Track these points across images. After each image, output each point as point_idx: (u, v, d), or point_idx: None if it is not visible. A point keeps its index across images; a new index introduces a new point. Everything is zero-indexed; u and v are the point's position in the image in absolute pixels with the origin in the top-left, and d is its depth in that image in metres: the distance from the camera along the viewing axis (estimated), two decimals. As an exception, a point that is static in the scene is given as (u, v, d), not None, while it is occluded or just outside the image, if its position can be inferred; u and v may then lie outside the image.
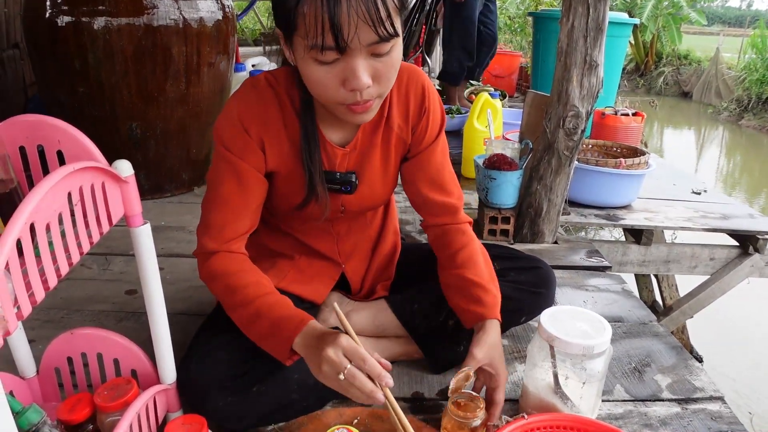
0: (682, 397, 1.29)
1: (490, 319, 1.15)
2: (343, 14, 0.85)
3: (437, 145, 1.24)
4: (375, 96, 0.97)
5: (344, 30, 0.86)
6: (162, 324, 0.99)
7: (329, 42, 0.87)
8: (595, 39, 1.80)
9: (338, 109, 0.99)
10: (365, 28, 0.87)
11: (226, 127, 1.10)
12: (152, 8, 2.15)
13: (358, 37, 0.87)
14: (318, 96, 0.99)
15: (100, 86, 2.18)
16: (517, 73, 5.89)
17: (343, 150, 1.16)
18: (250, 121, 1.09)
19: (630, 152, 2.57)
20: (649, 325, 1.60)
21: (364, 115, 1.01)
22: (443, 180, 1.26)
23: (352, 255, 1.36)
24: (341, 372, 0.91)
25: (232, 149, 1.10)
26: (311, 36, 0.87)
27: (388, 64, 0.95)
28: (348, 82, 0.92)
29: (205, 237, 1.12)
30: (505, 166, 2.02)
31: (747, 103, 11.60)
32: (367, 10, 0.86)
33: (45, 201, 0.67)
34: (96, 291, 1.71)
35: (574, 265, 1.95)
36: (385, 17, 0.87)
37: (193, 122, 2.42)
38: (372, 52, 0.91)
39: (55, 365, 1.06)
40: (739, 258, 2.41)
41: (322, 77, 0.93)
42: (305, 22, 0.86)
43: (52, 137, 0.83)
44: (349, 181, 1.18)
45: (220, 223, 1.11)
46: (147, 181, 2.45)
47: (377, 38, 0.88)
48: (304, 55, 0.91)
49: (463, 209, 1.30)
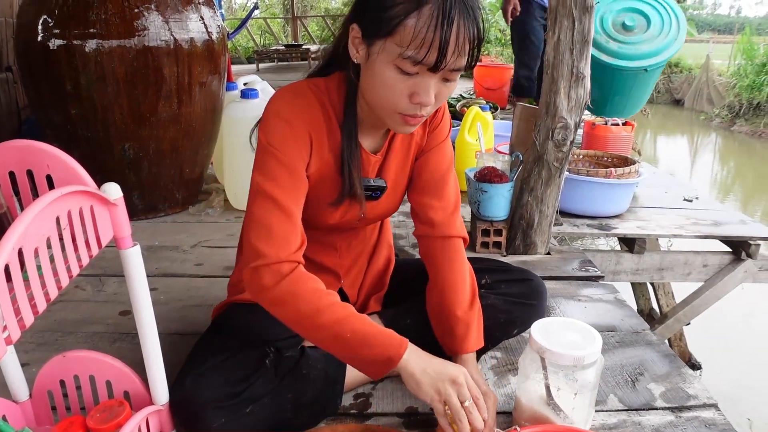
0: (676, 405, 1.30)
1: (463, 354, 1.21)
2: (452, 39, 0.91)
3: (442, 149, 1.26)
4: (428, 114, 1.03)
5: (449, 52, 0.92)
6: (154, 345, 1.00)
7: (430, 60, 0.92)
8: (581, 51, 1.82)
9: (392, 117, 1.03)
10: (461, 56, 0.94)
11: (275, 131, 1.07)
12: (143, 30, 2.17)
13: (455, 62, 0.94)
14: (379, 98, 1.02)
15: (92, 108, 2.20)
16: (509, 85, 5.91)
17: (375, 157, 1.20)
18: (300, 122, 1.09)
19: (621, 162, 2.59)
20: (642, 333, 1.61)
21: (410, 128, 1.07)
22: (439, 185, 1.26)
23: (351, 268, 1.37)
24: (467, 400, 0.99)
25: (282, 149, 1.07)
26: (413, 47, 0.92)
27: (450, 89, 1.02)
28: (416, 96, 0.98)
29: (272, 248, 1.03)
30: (496, 179, 2.03)
31: (738, 109, 11.68)
32: (470, 39, 0.94)
33: (33, 226, 0.68)
34: (90, 312, 1.71)
35: (567, 276, 1.95)
36: (477, 49, 0.96)
37: (185, 142, 2.43)
38: (446, 76, 0.98)
39: (47, 388, 1.06)
40: (732, 264, 2.42)
41: (395, 84, 0.97)
42: (413, 33, 0.91)
43: (41, 162, 0.84)
44: (381, 187, 1.22)
45: (285, 230, 1.05)
46: (141, 201, 2.46)
47: (464, 66, 0.96)
48: (390, 59, 0.95)
49: (456, 222, 1.27)
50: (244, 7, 20.51)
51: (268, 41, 14.27)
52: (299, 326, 1.04)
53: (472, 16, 0.93)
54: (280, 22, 17.26)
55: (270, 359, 1.13)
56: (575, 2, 1.78)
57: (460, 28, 0.91)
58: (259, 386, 1.10)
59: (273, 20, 16.28)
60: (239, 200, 2.60)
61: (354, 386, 1.30)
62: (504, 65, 6.38)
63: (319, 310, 1.02)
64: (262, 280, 1.03)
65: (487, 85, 5.77)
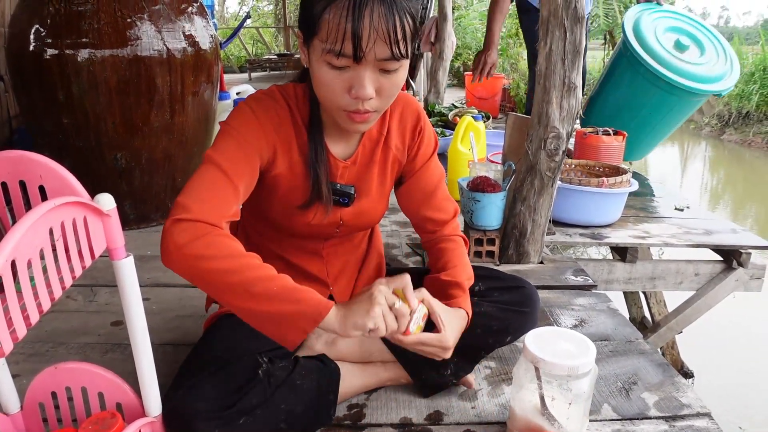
0: (669, 415, 1.30)
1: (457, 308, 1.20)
2: (364, 27, 0.94)
3: (430, 166, 1.32)
4: (374, 109, 1.05)
5: (363, 41, 0.94)
6: (146, 356, 0.99)
7: (347, 50, 0.95)
8: (573, 62, 1.83)
9: (339, 115, 1.06)
10: (381, 44, 0.96)
11: (241, 113, 1.12)
12: (136, 39, 2.17)
13: (374, 50, 0.96)
14: (323, 98, 1.06)
15: (84, 117, 2.19)
16: (501, 94, 5.95)
17: (344, 162, 1.22)
18: (266, 117, 1.12)
19: (612, 171, 2.60)
20: (635, 342, 1.61)
21: (361, 125, 1.08)
22: (436, 198, 1.33)
23: (339, 277, 1.37)
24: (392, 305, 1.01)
25: (240, 130, 1.10)
26: (330, 41, 0.95)
27: (392, 82, 1.03)
28: (353, 90, 1.00)
29: (198, 205, 1.00)
30: (489, 188, 2.04)
31: (728, 118, 11.76)
32: (387, 28, 0.95)
33: (26, 237, 0.68)
34: (82, 323, 1.70)
35: (560, 285, 1.96)
36: (401, 38, 0.97)
37: (178, 151, 2.43)
38: (381, 67, 1.00)
39: (39, 400, 1.05)
40: (723, 273, 2.43)
41: (330, 80, 1.01)
42: (328, 27, 0.95)
43: (33, 172, 0.83)
44: (348, 193, 1.23)
45: (219, 195, 1.04)
46: (133, 211, 2.45)
47: (390, 55, 0.97)
48: (319, 57, 1.00)
49: (456, 225, 1.35)
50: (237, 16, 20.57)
51: (260, 50, 14.31)
52: (212, 285, 0.98)
53: (391, 4, 0.95)
54: (273, 31, 17.31)
55: (263, 369, 1.13)
56: (567, 13, 1.80)
57: (374, 15, 0.93)
58: (252, 397, 1.10)
59: (265, 30, 16.32)
60: (232, 210, 2.59)
61: (348, 397, 1.29)
62: (496, 75, 6.40)
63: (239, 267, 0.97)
64: (177, 236, 0.97)
65: (479, 94, 5.79)
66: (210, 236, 0.98)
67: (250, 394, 1.09)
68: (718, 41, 3.26)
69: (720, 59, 3.18)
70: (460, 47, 9.55)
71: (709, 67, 3.12)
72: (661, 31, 3.19)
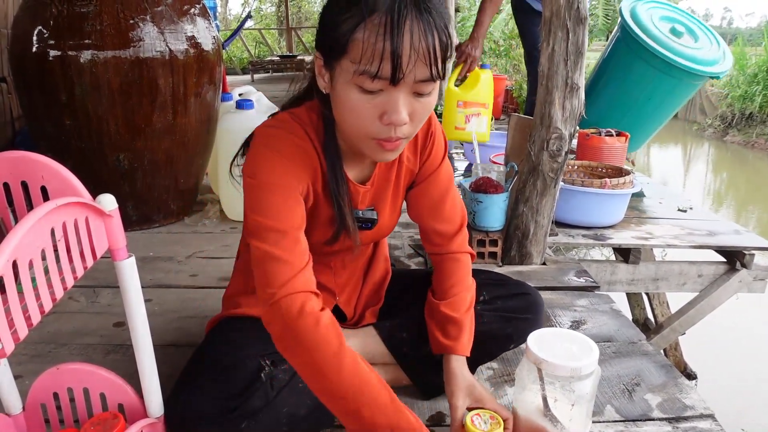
0: (673, 416, 1.29)
1: (456, 354, 1.17)
2: (404, 46, 0.86)
3: (440, 172, 1.25)
4: (405, 135, 0.96)
5: (403, 62, 0.86)
6: (148, 357, 0.99)
7: (385, 71, 0.87)
8: (575, 62, 1.83)
9: (367, 144, 0.97)
10: (421, 65, 0.88)
11: (267, 163, 1.02)
12: (138, 41, 2.17)
13: (413, 72, 0.88)
14: (349, 126, 0.97)
15: (87, 118, 2.19)
16: (503, 96, 5.94)
17: (364, 187, 1.17)
18: (296, 158, 1.04)
19: (615, 172, 2.60)
20: (638, 344, 1.61)
21: (390, 154, 1.00)
22: (444, 208, 1.26)
23: (346, 285, 1.36)
24: None
25: (282, 179, 1.02)
26: (365, 61, 0.87)
27: (426, 105, 0.95)
28: (387, 116, 0.92)
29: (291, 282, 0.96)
30: (491, 189, 2.04)
31: (731, 119, 11.75)
32: (428, 47, 0.87)
33: (28, 238, 0.68)
34: (83, 324, 1.70)
35: (562, 286, 1.95)
36: (440, 57, 0.90)
37: (180, 152, 2.43)
38: (416, 90, 0.91)
39: (41, 401, 1.05)
40: (726, 274, 2.42)
41: (361, 106, 0.92)
42: (362, 46, 0.86)
43: (35, 173, 0.83)
44: (371, 219, 1.20)
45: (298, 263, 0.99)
46: (135, 212, 2.45)
47: (429, 76, 0.90)
48: (349, 79, 0.90)
49: (461, 239, 1.29)
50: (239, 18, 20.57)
51: (262, 52, 14.32)
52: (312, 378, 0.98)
53: (428, 19, 0.88)
54: (275, 33, 17.33)
55: (265, 373, 1.12)
56: (569, 13, 1.79)
57: (414, 33, 0.86)
58: (255, 401, 1.09)
59: (268, 31, 16.35)
60: (234, 211, 2.59)
61: (350, 398, 1.29)
62: (499, 76, 6.41)
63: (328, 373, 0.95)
64: (272, 324, 0.98)
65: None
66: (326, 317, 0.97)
67: (253, 398, 1.09)
68: (709, 30, 3.33)
69: (713, 46, 3.25)
70: (463, 48, 9.52)
71: (705, 52, 3.18)
72: (656, 19, 3.25)
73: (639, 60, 3.17)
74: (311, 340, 0.95)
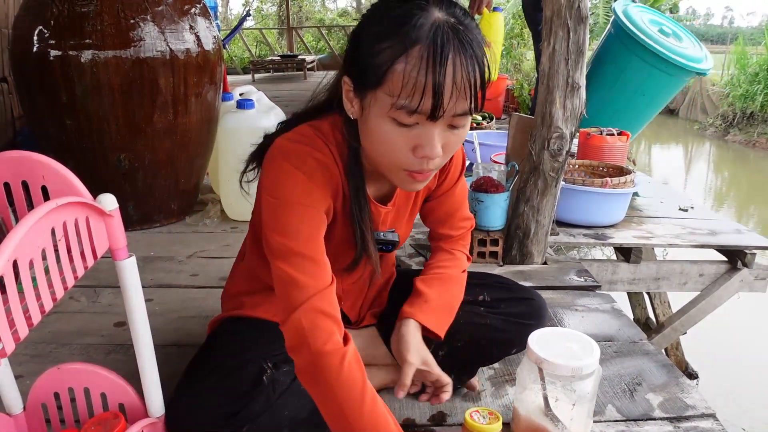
0: (674, 416, 1.29)
1: (413, 320, 1.17)
2: (448, 82, 0.83)
3: (456, 188, 1.25)
4: (437, 167, 0.95)
5: (445, 98, 0.83)
6: (149, 357, 0.99)
7: (426, 107, 0.84)
8: (576, 62, 1.83)
9: (397, 174, 0.95)
10: (461, 99, 0.85)
11: (289, 181, 0.98)
12: (139, 40, 2.17)
13: (454, 107, 0.85)
14: (379, 156, 0.94)
15: (87, 118, 2.19)
16: (504, 95, 5.94)
17: (386, 208, 1.15)
18: (319, 177, 1.00)
19: (616, 171, 2.59)
20: (639, 343, 1.61)
21: (419, 184, 0.98)
22: (454, 219, 1.29)
23: (351, 291, 1.34)
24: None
25: (304, 201, 0.98)
26: (405, 96, 0.83)
27: (459, 137, 0.93)
28: (421, 149, 0.89)
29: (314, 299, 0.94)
30: (492, 189, 2.04)
31: (732, 119, 11.74)
32: (469, 82, 0.85)
33: (28, 237, 0.68)
34: (84, 324, 1.70)
35: (563, 286, 1.95)
36: (479, 91, 0.87)
37: (181, 152, 2.43)
38: (451, 123, 0.89)
39: (41, 401, 1.05)
40: (728, 273, 2.42)
41: (394, 139, 0.89)
42: (402, 80, 0.83)
43: (36, 173, 0.83)
44: (393, 241, 1.19)
45: (310, 282, 0.96)
46: (136, 212, 2.45)
47: (467, 110, 0.87)
48: (384, 112, 0.87)
49: (466, 242, 1.33)
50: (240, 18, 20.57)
51: (263, 52, 14.31)
52: None
53: (470, 53, 0.85)
54: (276, 32, 17.33)
55: (267, 375, 1.12)
56: (570, 13, 1.79)
57: (456, 67, 0.83)
58: (256, 404, 1.09)
59: (268, 31, 16.34)
60: (235, 211, 2.59)
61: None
62: (499, 75, 6.41)
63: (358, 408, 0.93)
64: (297, 354, 0.96)
65: (483, 95, 5.78)
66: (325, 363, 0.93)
67: (255, 402, 1.08)
68: (690, 33, 3.49)
69: (696, 46, 3.38)
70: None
71: (690, 51, 3.30)
72: (646, 21, 3.37)
73: (633, 56, 3.26)
74: (336, 379, 0.92)
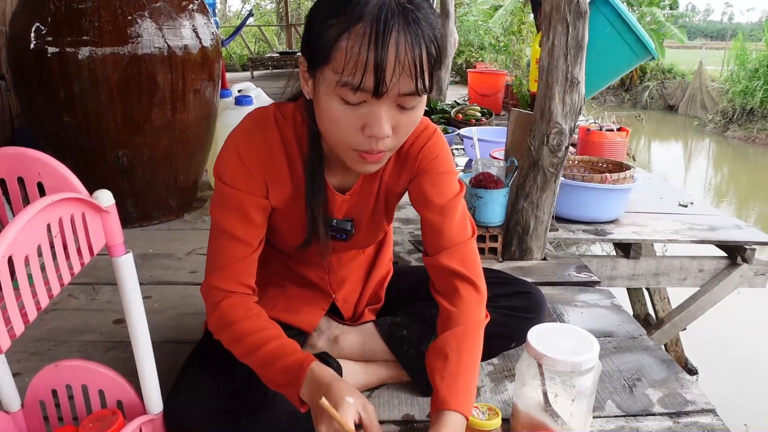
0: (674, 411, 1.29)
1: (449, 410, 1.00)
2: (390, 58, 0.82)
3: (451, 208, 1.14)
4: (388, 148, 0.94)
5: (387, 75, 0.83)
6: (147, 354, 0.98)
7: (368, 84, 0.83)
8: (576, 57, 1.82)
9: (347, 154, 0.95)
10: (406, 78, 0.85)
11: (228, 166, 1.05)
12: (137, 37, 2.16)
13: (398, 85, 0.85)
14: (330, 136, 0.95)
15: (85, 115, 2.19)
16: (503, 91, 5.94)
17: (342, 197, 1.14)
18: (254, 163, 1.05)
19: (615, 167, 2.59)
20: (639, 339, 1.60)
21: (371, 166, 0.97)
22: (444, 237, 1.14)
23: (343, 284, 1.34)
24: None
25: (233, 185, 1.05)
26: (348, 73, 0.83)
27: (410, 119, 0.92)
28: (368, 128, 0.89)
29: (213, 275, 1.08)
30: (491, 185, 2.03)
31: (732, 115, 11.75)
32: (414, 59, 0.84)
33: (23, 234, 0.67)
34: (83, 321, 1.70)
35: (563, 281, 1.95)
36: (426, 71, 0.86)
37: (179, 149, 2.42)
38: (400, 103, 0.88)
39: (39, 398, 1.05)
40: (728, 269, 2.42)
41: (342, 117, 0.89)
42: (345, 56, 0.83)
43: (32, 169, 0.83)
44: (345, 230, 1.17)
45: (226, 260, 1.07)
46: (135, 209, 2.44)
47: (413, 90, 0.86)
48: (331, 90, 0.87)
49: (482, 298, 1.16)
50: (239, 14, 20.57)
51: (262, 49, 14.29)
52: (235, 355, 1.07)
53: (417, 31, 0.84)
54: (275, 29, 17.31)
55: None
56: (569, 8, 1.78)
57: (399, 45, 0.82)
58: (254, 398, 1.09)
59: (267, 28, 16.32)
60: (234, 207, 2.58)
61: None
62: (498, 72, 6.40)
63: (238, 340, 1.05)
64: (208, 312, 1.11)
65: (482, 91, 5.78)
66: (221, 307, 1.07)
67: (252, 395, 1.09)
68: None
69: None
70: (462, 44, 9.54)
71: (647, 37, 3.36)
72: None
73: (607, 22, 3.25)
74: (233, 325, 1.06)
